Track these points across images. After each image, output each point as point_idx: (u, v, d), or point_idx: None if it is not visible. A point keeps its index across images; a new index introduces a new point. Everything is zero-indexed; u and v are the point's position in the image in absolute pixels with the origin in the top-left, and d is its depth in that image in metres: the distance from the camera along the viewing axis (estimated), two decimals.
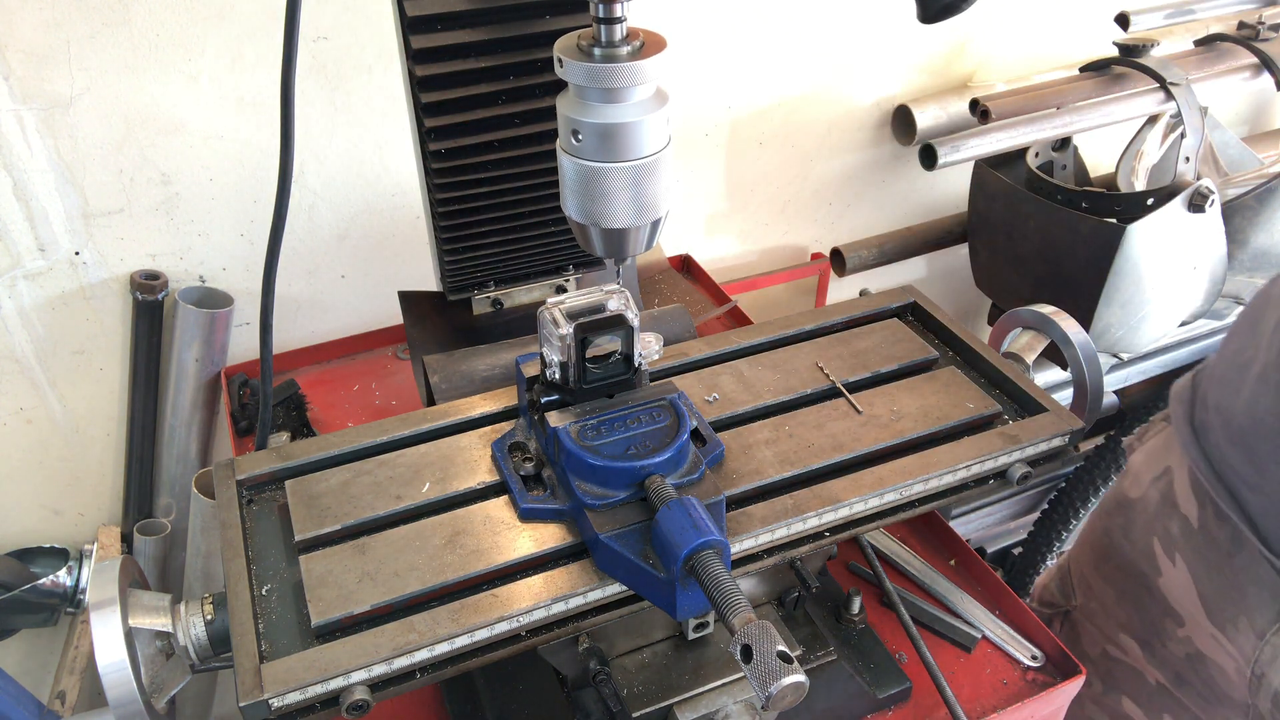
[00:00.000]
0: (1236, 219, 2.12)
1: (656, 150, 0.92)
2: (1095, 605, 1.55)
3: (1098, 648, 1.56)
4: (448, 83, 1.13)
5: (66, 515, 2.00)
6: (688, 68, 2.08)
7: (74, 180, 1.66)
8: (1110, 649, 1.53)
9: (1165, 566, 1.37)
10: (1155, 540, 1.38)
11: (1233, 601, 1.26)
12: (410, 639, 0.90)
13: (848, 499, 1.05)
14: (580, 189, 0.93)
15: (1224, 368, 1.27)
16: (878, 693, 1.22)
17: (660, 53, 0.88)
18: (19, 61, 1.53)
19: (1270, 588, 1.21)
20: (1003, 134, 2.08)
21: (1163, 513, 1.37)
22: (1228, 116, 2.95)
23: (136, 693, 0.89)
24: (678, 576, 0.87)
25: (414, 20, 1.09)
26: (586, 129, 0.90)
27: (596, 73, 0.86)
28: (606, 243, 0.97)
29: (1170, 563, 1.36)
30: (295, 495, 1.05)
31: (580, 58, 0.87)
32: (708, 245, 2.39)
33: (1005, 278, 2.33)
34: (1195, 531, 1.31)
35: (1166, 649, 1.42)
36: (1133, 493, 1.45)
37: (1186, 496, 1.33)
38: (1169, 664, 1.43)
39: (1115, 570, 1.48)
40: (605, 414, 1.01)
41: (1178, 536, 1.34)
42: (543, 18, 1.13)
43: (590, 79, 0.87)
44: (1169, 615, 1.39)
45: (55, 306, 1.77)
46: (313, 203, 1.87)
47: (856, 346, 1.28)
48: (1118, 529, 1.47)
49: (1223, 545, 1.26)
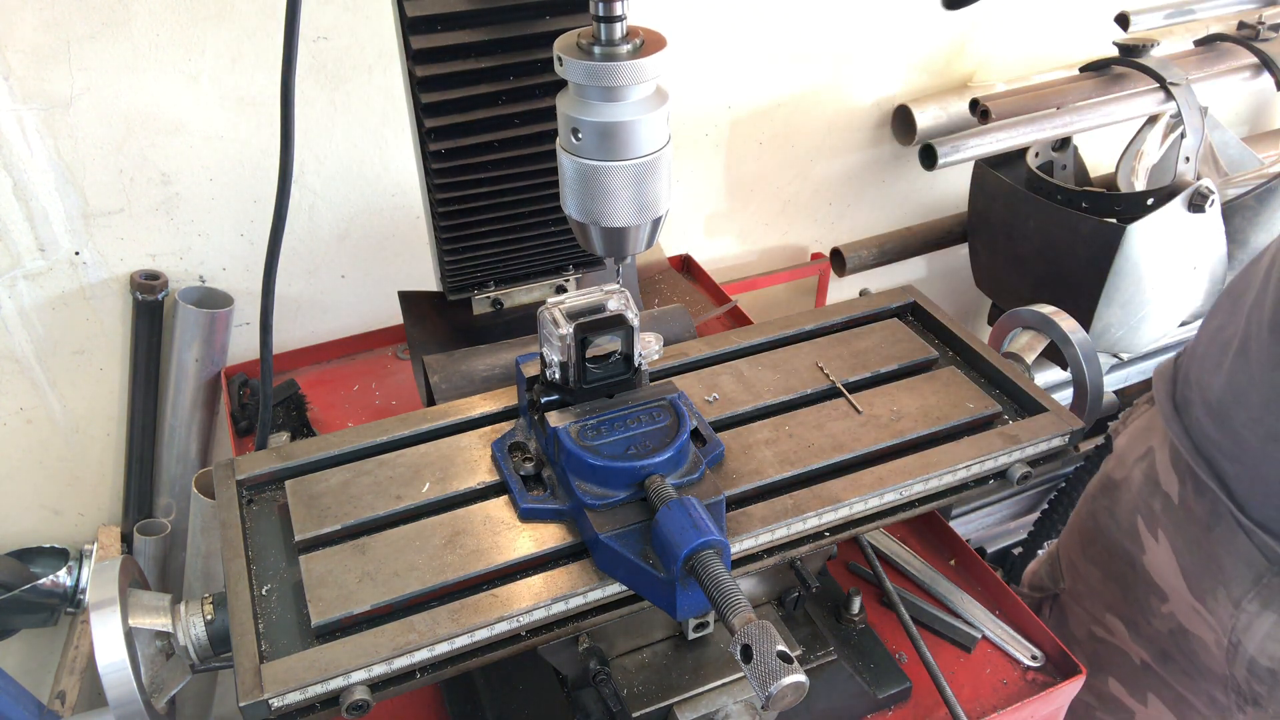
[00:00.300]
0: (1236, 219, 2.12)
1: (656, 149, 0.92)
2: (1082, 587, 1.56)
3: (1084, 629, 1.57)
4: (448, 83, 1.13)
5: (66, 515, 2.00)
6: (688, 68, 2.08)
7: (74, 180, 1.66)
8: (1096, 630, 1.55)
9: (1149, 544, 1.39)
10: (1139, 518, 1.40)
11: (1211, 573, 1.27)
12: (410, 639, 0.90)
13: (848, 499, 1.05)
14: (580, 188, 0.93)
15: (1205, 345, 1.29)
16: (878, 693, 1.22)
17: (660, 51, 0.87)
18: (19, 61, 1.53)
19: (1246, 557, 1.23)
20: (1003, 134, 2.08)
21: (1145, 491, 1.39)
22: (1228, 116, 2.95)
23: (136, 693, 0.89)
24: (678, 576, 0.87)
25: (414, 21, 1.09)
26: (586, 128, 0.89)
27: (596, 71, 0.86)
28: (606, 242, 0.97)
29: (1154, 539, 1.37)
30: (295, 495, 1.05)
31: (580, 56, 0.87)
32: (708, 245, 2.39)
33: (1005, 278, 2.33)
34: (1176, 507, 1.32)
35: (1151, 626, 1.44)
36: (1117, 474, 1.47)
37: (1168, 473, 1.34)
38: (1154, 641, 1.45)
39: (1101, 551, 1.50)
40: (605, 414, 1.01)
41: (1160, 513, 1.35)
42: (543, 18, 1.13)
43: (590, 77, 0.87)
44: (1153, 592, 1.41)
45: (55, 306, 1.77)
46: (313, 203, 1.87)
47: (856, 346, 1.28)
48: (1103, 511, 1.49)
49: (1202, 519, 1.28)
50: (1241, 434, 1.20)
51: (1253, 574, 1.22)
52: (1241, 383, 1.20)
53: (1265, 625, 1.22)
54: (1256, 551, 1.21)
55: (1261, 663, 1.24)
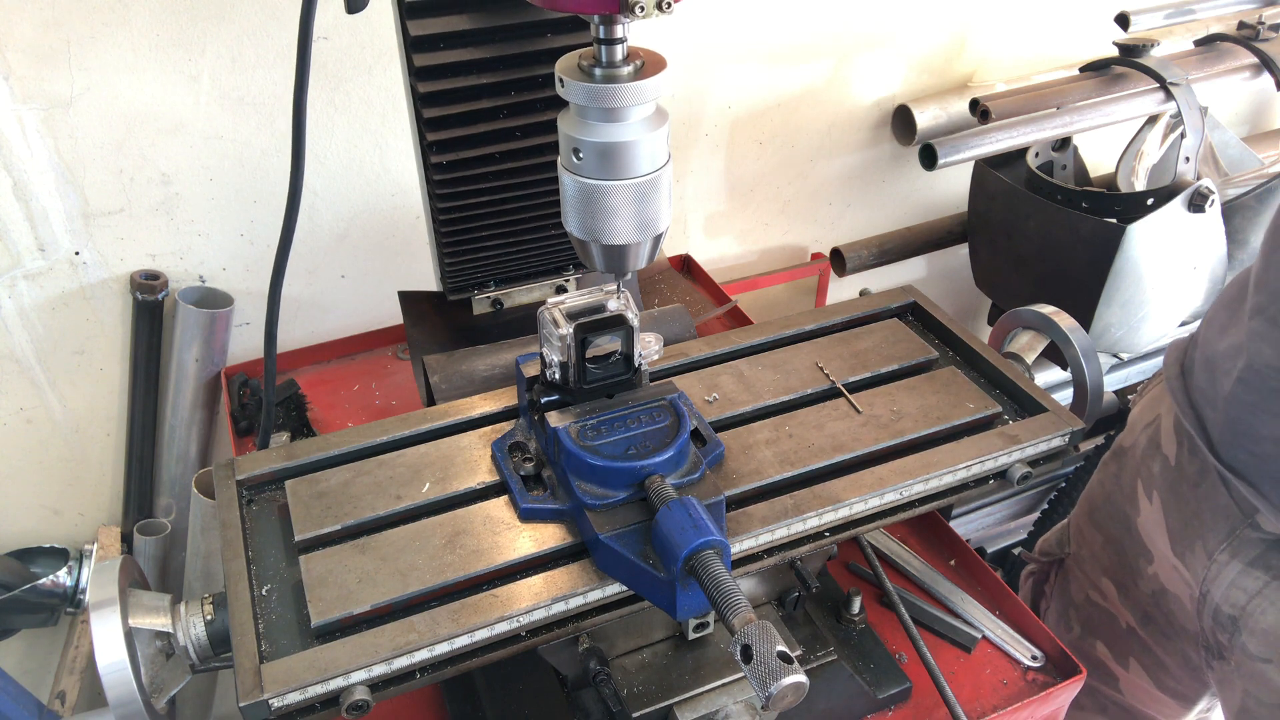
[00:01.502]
0: (1236, 219, 2.12)
1: (657, 168, 0.93)
2: (1085, 552, 1.59)
3: (1082, 594, 1.60)
4: (450, 98, 1.15)
5: (66, 515, 2.00)
6: (689, 67, 2.08)
7: (74, 180, 1.66)
8: (1092, 594, 1.57)
9: (1143, 505, 1.41)
10: (1139, 481, 1.42)
11: (1193, 529, 1.29)
12: (410, 639, 0.90)
13: (848, 499, 1.05)
14: (581, 206, 0.94)
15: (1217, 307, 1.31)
16: (878, 693, 1.22)
17: (661, 73, 0.88)
18: (19, 61, 1.53)
19: (1223, 510, 1.25)
20: (1003, 134, 2.08)
21: (1148, 454, 1.41)
22: (1228, 116, 2.95)
23: (136, 693, 0.90)
24: (678, 576, 0.87)
25: (417, 39, 1.10)
26: (587, 148, 0.90)
27: (597, 93, 0.87)
28: (607, 258, 0.98)
29: (1148, 501, 1.39)
30: (295, 495, 1.05)
31: (581, 78, 0.88)
32: (708, 245, 2.39)
33: (1005, 278, 2.33)
34: (1171, 468, 1.34)
35: (1137, 588, 1.46)
36: (1126, 441, 1.49)
37: (1169, 437, 1.36)
38: (1139, 604, 1.47)
39: (1105, 516, 1.52)
40: (605, 414, 1.01)
41: (1157, 475, 1.38)
42: (544, 35, 1.14)
43: (591, 99, 0.88)
44: (1141, 554, 1.43)
45: (55, 306, 1.77)
46: (313, 203, 1.87)
47: (856, 346, 1.28)
48: (1110, 477, 1.51)
49: (1191, 476, 1.30)
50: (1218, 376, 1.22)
51: (1228, 526, 1.24)
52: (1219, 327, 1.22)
53: (1231, 574, 1.24)
54: (1233, 503, 1.24)
55: (1225, 610, 1.26)
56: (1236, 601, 1.24)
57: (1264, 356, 1.14)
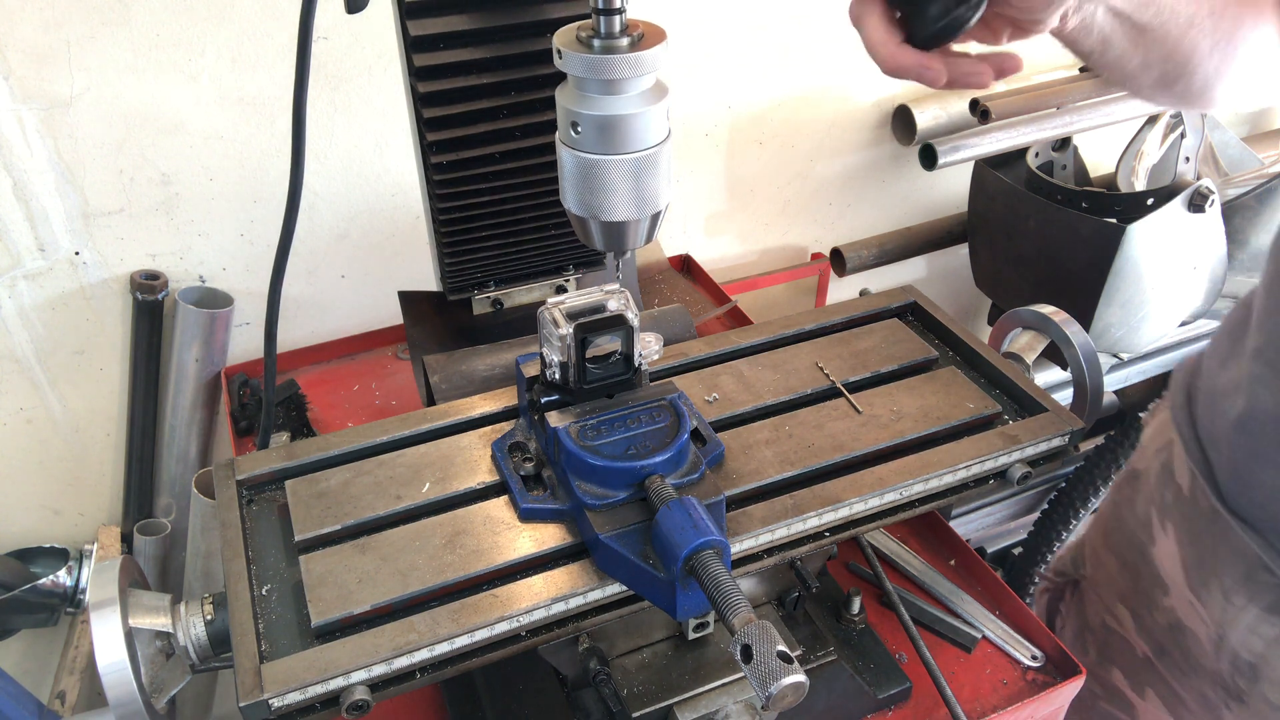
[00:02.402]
0: (1236, 219, 2.12)
1: (656, 143, 0.91)
2: (1101, 575, 1.56)
3: (1099, 618, 1.58)
4: (450, 98, 1.14)
5: (66, 515, 2.00)
6: (688, 67, 2.08)
7: (74, 180, 1.66)
8: (1108, 619, 1.55)
9: (1159, 535, 1.39)
10: (1153, 509, 1.40)
11: (1208, 566, 1.27)
12: (410, 639, 0.90)
13: (848, 499, 1.05)
14: (579, 182, 0.92)
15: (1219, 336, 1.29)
16: (878, 693, 1.22)
17: (660, 44, 0.87)
18: (19, 61, 1.53)
19: (1238, 550, 1.22)
20: (1003, 134, 2.08)
21: (1161, 482, 1.39)
22: (1228, 116, 2.95)
23: (136, 693, 0.89)
24: (678, 576, 0.87)
25: (417, 39, 1.10)
26: (586, 121, 0.88)
27: (595, 64, 0.85)
28: (606, 236, 0.96)
29: (1163, 531, 1.37)
30: (295, 495, 1.05)
31: (579, 49, 0.86)
32: (708, 245, 2.39)
33: (1005, 278, 2.33)
34: (1185, 499, 1.32)
35: (1152, 618, 1.44)
36: (1139, 465, 1.47)
37: (1182, 465, 1.34)
38: (1153, 634, 1.45)
39: (1119, 541, 1.50)
40: (605, 414, 1.01)
41: (1171, 505, 1.35)
42: (544, 36, 1.13)
43: (589, 70, 0.86)
44: (1157, 584, 1.41)
45: (55, 306, 1.77)
46: (313, 203, 1.87)
47: (856, 346, 1.28)
48: (1125, 501, 1.49)
49: (1205, 510, 1.27)
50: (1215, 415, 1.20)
51: (1244, 568, 1.22)
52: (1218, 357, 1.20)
53: (1248, 618, 1.22)
54: (1249, 545, 1.21)
55: (1244, 656, 1.24)
56: (1254, 648, 1.22)
57: (1263, 403, 1.12)
